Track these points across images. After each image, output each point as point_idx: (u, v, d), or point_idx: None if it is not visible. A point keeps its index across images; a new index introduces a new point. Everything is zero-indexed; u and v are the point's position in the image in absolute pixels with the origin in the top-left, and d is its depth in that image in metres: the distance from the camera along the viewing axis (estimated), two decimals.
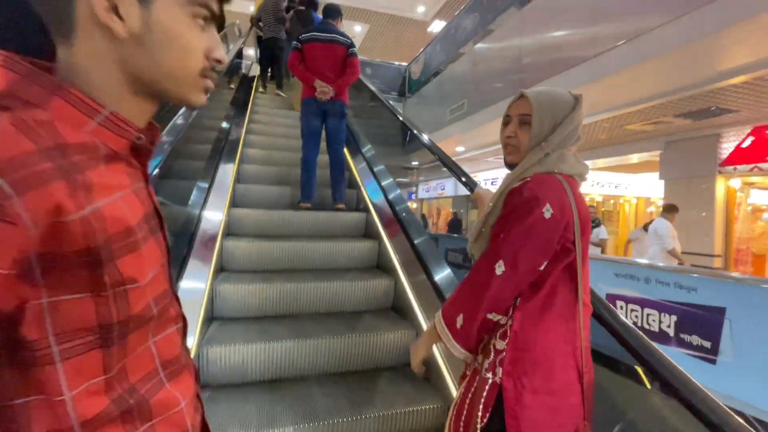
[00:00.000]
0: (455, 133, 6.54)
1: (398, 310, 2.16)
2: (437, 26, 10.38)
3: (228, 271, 2.17)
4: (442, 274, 1.93)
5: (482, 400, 0.82)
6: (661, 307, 3.19)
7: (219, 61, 0.45)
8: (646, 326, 3.26)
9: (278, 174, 3.19)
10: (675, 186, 6.26)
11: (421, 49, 8.39)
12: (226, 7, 0.45)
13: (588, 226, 0.87)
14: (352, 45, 2.84)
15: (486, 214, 0.91)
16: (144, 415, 0.42)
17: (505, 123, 0.94)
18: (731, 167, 5.54)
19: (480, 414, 0.82)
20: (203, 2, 0.42)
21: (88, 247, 0.34)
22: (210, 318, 1.85)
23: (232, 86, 4.79)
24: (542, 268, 0.82)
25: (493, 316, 0.84)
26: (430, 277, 1.93)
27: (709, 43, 2.91)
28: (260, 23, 5.43)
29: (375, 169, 3.11)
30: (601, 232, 5.21)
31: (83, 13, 0.37)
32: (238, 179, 3.01)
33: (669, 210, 4.86)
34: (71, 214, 0.32)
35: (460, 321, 0.86)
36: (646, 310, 3.30)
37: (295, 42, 2.81)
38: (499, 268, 0.81)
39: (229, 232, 2.44)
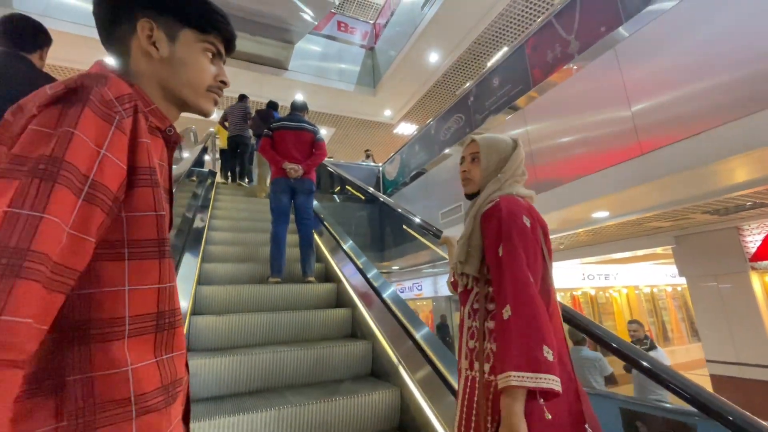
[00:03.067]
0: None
1: (378, 374, 2.11)
2: (403, 128, 10.27)
3: (195, 350, 2.08)
4: (423, 332, 2.01)
5: (490, 404, 0.85)
6: None
7: (224, 82, 0.67)
8: None
9: (244, 252, 3.28)
10: (700, 284, 5.59)
11: (396, 150, 7.88)
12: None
13: (547, 234, 0.99)
14: (318, 132, 3.16)
15: (467, 237, 1.02)
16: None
17: (461, 162, 1.15)
18: (765, 262, 4.99)
19: (491, 417, 0.84)
20: (210, 42, 0.65)
21: (145, 165, 0.54)
22: None
23: (194, 179, 4.78)
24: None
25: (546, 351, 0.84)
26: (411, 336, 1.99)
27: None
28: (226, 122, 6.20)
29: (344, 245, 3.20)
30: (660, 356, 4.13)
31: (134, 45, 0.61)
32: (204, 258, 3.03)
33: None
34: (141, 138, 0.54)
35: (548, 353, 0.79)
36: None
37: (266, 130, 3.10)
38: (530, 279, 0.85)
39: (197, 310, 2.39)
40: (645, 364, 1.25)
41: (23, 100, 0.50)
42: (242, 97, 6.22)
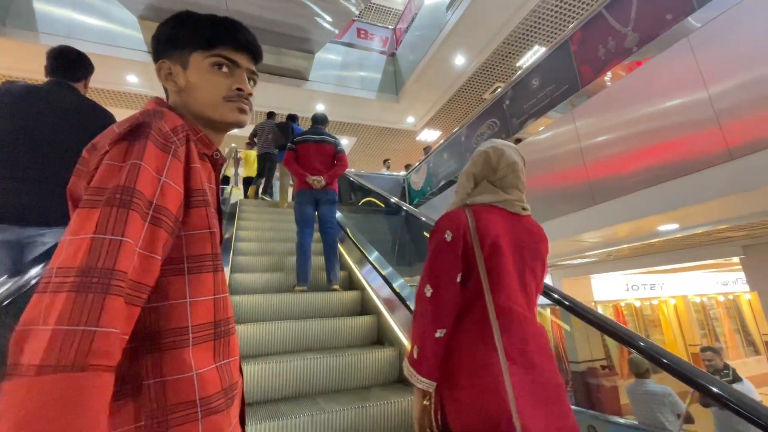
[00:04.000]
0: None
1: (406, 380, 1.94)
2: (426, 135, 9.90)
3: None
4: None
5: (434, 414, 0.98)
6: None
7: (240, 89, 0.69)
8: None
9: (270, 262, 3.34)
10: None
11: (421, 159, 7.52)
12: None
13: (498, 244, 0.99)
14: (339, 144, 3.23)
15: None
16: None
17: None
18: None
19: (435, 424, 0.97)
20: (217, 55, 0.68)
21: (198, 188, 0.62)
22: None
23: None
24: (458, 279, 0.97)
25: (439, 333, 0.94)
26: None
27: None
28: (255, 139, 6.42)
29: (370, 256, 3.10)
30: (747, 390, 3.58)
31: (162, 82, 0.71)
32: (233, 269, 3.09)
33: None
34: (193, 164, 0.62)
35: (415, 351, 0.95)
36: None
37: (289, 144, 3.19)
38: (428, 291, 0.97)
39: None
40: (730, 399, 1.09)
41: (96, 139, 0.59)
42: (271, 114, 6.32)
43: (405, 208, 3.79)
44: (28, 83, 1.49)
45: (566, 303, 1.69)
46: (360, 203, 5.70)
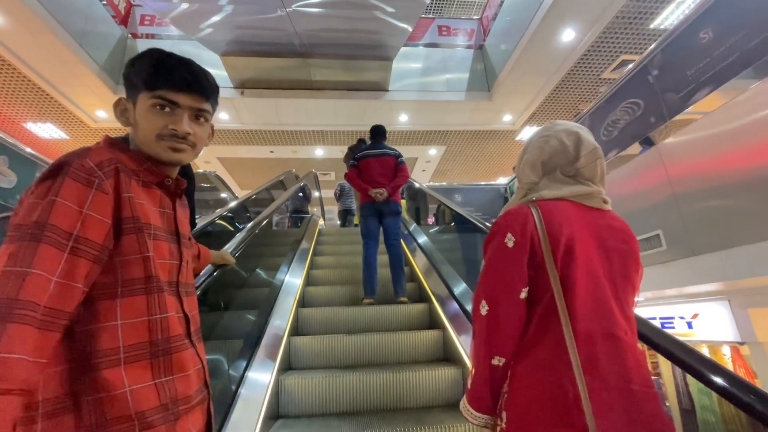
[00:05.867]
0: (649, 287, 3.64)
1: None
2: (528, 133, 8.34)
3: (294, 369, 2.23)
4: None
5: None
6: None
7: (174, 130, 0.72)
8: None
9: (342, 275, 3.44)
10: None
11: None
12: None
13: (574, 248, 0.78)
14: (400, 155, 3.27)
15: None
16: None
17: None
18: None
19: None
20: (158, 96, 0.71)
21: (128, 216, 0.65)
22: (275, 416, 1.87)
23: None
24: (523, 295, 0.78)
25: (497, 361, 0.78)
26: None
27: None
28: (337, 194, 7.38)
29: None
30: None
31: (117, 117, 0.77)
32: (309, 282, 3.28)
33: None
34: (124, 194, 0.65)
35: (469, 381, 0.82)
36: None
37: (351, 160, 3.29)
38: (483, 309, 0.80)
39: (298, 331, 2.60)
40: None
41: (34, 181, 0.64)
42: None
43: (474, 221, 3.05)
44: None
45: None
46: (450, 224, 5.00)
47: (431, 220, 6.61)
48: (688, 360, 0.92)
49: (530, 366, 0.74)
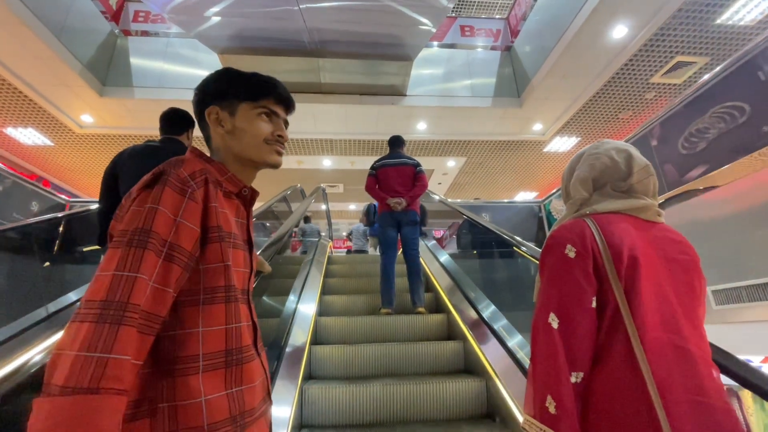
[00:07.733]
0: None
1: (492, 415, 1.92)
2: (558, 144, 7.56)
3: (315, 378, 2.21)
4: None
5: None
6: None
7: (280, 135, 0.80)
8: None
9: (358, 285, 3.51)
10: None
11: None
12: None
13: (637, 259, 0.76)
14: (418, 164, 3.24)
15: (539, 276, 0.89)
16: None
17: None
18: None
19: None
20: (263, 106, 0.79)
21: (214, 225, 0.67)
22: (299, 425, 1.86)
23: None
24: (594, 304, 0.76)
25: (575, 377, 0.72)
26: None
27: None
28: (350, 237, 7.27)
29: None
30: None
31: (210, 128, 0.79)
32: (324, 291, 3.25)
33: None
34: (211, 203, 0.68)
35: (551, 404, 0.70)
36: None
37: (370, 170, 3.28)
38: (554, 322, 0.75)
39: (317, 340, 2.58)
40: None
41: (134, 187, 0.66)
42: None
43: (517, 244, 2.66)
44: (149, 143, 1.87)
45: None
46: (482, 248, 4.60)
47: (438, 233, 6.33)
48: None
49: (604, 382, 0.71)
